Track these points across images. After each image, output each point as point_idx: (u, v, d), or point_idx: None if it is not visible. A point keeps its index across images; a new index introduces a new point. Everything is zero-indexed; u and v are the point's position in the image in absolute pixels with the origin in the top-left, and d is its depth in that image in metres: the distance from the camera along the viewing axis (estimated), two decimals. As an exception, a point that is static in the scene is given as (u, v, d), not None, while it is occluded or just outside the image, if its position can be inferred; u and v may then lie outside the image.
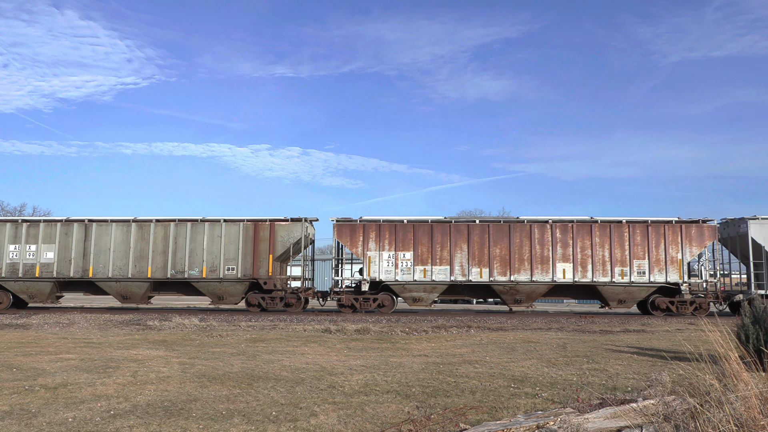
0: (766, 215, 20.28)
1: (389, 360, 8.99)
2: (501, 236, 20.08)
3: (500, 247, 20.04)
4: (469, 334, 13.16)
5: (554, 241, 20.01)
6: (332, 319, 17.28)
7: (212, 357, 9.20)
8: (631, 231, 20.01)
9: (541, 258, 19.97)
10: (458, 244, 20.08)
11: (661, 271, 19.84)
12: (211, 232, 20.45)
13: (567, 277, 19.89)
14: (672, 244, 19.92)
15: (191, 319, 16.12)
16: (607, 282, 19.86)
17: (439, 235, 20.11)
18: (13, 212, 51.36)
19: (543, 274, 19.93)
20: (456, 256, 20.03)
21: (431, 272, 19.99)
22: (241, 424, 5.03)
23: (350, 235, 20.25)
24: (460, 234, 20.12)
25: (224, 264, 20.28)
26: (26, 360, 8.74)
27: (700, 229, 20.08)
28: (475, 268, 19.98)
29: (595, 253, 19.93)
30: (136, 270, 20.43)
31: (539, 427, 4.46)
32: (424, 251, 20.05)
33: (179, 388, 6.57)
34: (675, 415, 4.42)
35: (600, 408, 4.98)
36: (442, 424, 4.95)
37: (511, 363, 8.74)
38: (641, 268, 19.85)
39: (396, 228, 20.16)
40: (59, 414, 5.34)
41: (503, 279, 19.93)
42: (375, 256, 20.09)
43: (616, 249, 19.94)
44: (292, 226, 20.58)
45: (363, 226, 20.22)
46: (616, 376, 7.51)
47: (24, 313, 18.86)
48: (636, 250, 19.94)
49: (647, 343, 11.48)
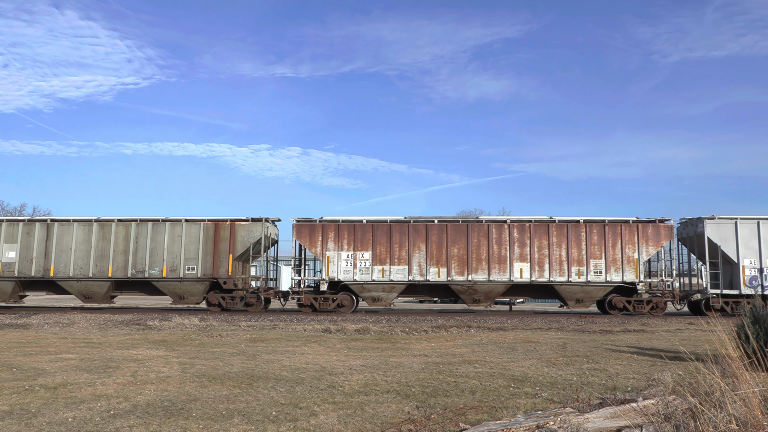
0: (724, 215, 20.34)
1: (389, 360, 8.99)
2: (459, 236, 20.18)
3: (458, 247, 20.15)
4: (469, 334, 13.16)
5: (512, 240, 20.11)
6: (332, 319, 17.28)
7: (212, 357, 9.19)
8: (588, 231, 20.09)
9: (499, 258, 20.07)
10: (416, 244, 20.18)
11: (618, 271, 19.93)
12: (172, 231, 20.57)
13: (524, 276, 19.99)
14: (629, 244, 20.02)
15: (191, 319, 16.13)
16: (564, 281, 19.96)
17: (397, 235, 20.21)
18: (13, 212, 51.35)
19: (500, 274, 20.01)
20: (414, 256, 20.14)
21: (389, 272, 20.10)
22: (241, 424, 5.03)
23: (309, 235, 20.36)
24: (418, 234, 20.23)
25: (184, 263, 20.40)
26: (26, 360, 8.74)
27: (656, 229, 20.16)
28: (433, 268, 20.09)
29: (552, 252, 20.04)
30: (97, 269, 20.52)
31: (539, 427, 4.45)
32: (383, 251, 20.16)
33: (179, 388, 6.57)
34: (675, 414, 4.42)
35: (600, 408, 4.97)
36: (442, 424, 4.94)
37: (511, 363, 8.73)
38: (598, 268, 19.96)
39: (355, 228, 20.26)
40: (59, 414, 5.33)
41: (461, 279, 20.05)
42: (334, 256, 20.21)
43: (573, 249, 20.04)
44: (253, 226, 20.70)
45: (322, 227, 20.34)
46: (616, 376, 7.51)
47: (24, 313, 18.85)
48: (593, 249, 20.03)
49: (647, 343, 11.48)
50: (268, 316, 18.17)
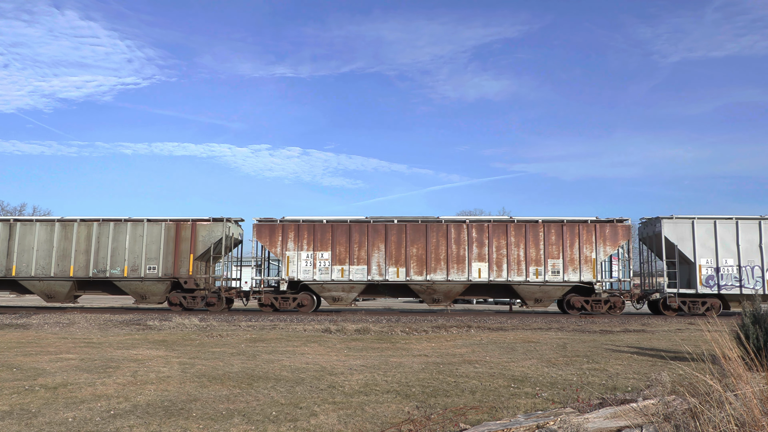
0: (682, 215, 20.38)
1: (389, 360, 8.99)
2: (418, 236, 20.27)
3: (417, 247, 20.23)
4: (469, 334, 13.17)
5: (470, 240, 20.18)
6: (332, 319, 17.29)
7: (212, 357, 9.20)
8: (546, 231, 20.17)
9: (457, 257, 20.15)
10: (375, 244, 20.27)
11: (575, 271, 20.00)
12: (134, 231, 20.69)
13: (482, 276, 20.06)
14: (586, 244, 20.08)
15: (191, 319, 16.13)
16: (522, 281, 20.04)
17: (357, 235, 20.29)
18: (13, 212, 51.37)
19: (459, 274, 20.09)
20: (373, 256, 20.23)
21: (349, 272, 20.20)
22: (241, 424, 5.03)
23: (269, 235, 20.43)
24: (377, 234, 20.30)
25: (146, 263, 20.50)
26: (26, 360, 8.74)
27: (614, 229, 20.22)
28: (392, 268, 20.18)
29: (510, 252, 20.13)
30: (58, 269, 20.61)
31: (539, 427, 4.45)
32: (342, 251, 20.26)
33: (179, 388, 6.57)
34: (675, 414, 4.42)
35: (600, 408, 4.98)
36: (442, 424, 4.94)
37: (511, 363, 8.74)
38: (555, 268, 20.03)
39: (315, 228, 20.36)
40: (59, 414, 5.33)
41: (419, 278, 20.12)
42: (293, 255, 20.30)
43: (531, 248, 20.12)
44: (213, 226, 20.81)
45: (282, 227, 20.42)
46: (616, 376, 7.51)
47: (24, 313, 18.86)
48: (551, 249, 20.10)
49: (647, 343, 11.48)
50: (268, 316, 18.18)
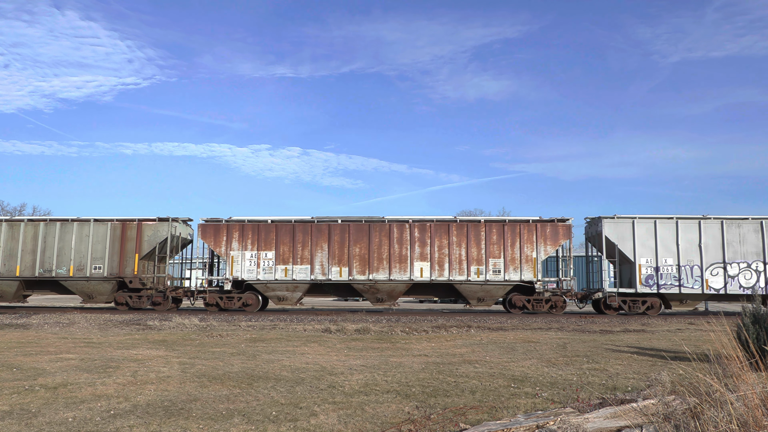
0: (624, 215, 20.42)
1: (389, 360, 8.99)
2: (361, 236, 20.41)
3: (360, 246, 20.35)
4: (469, 334, 13.16)
5: (413, 240, 20.31)
6: (332, 319, 17.29)
7: (212, 357, 9.20)
8: (487, 230, 20.28)
9: (400, 257, 20.26)
10: (319, 244, 20.41)
11: (516, 270, 20.09)
12: (80, 231, 20.81)
13: (424, 275, 20.18)
14: (527, 243, 20.18)
15: (191, 318, 16.13)
16: (464, 280, 20.16)
17: (300, 235, 20.43)
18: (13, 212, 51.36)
19: (401, 273, 20.21)
20: (317, 256, 20.36)
21: (292, 271, 20.32)
22: (241, 423, 5.03)
23: (214, 235, 20.56)
24: (321, 233, 20.45)
25: (91, 263, 20.65)
26: (26, 360, 8.74)
27: (555, 228, 20.31)
28: (335, 267, 20.32)
29: (452, 252, 20.23)
30: (5, 269, 20.77)
31: (539, 427, 4.45)
32: (286, 251, 20.39)
33: (179, 388, 6.57)
34: (675, 414, 4.42)
35: (600, 408, 4.97)
36: (442, 424, 4.94)
37: (511, 363, 8.73)
38: (497, 267, 20.14)
39: (259, 228, 20.50)
40: (59, 414, 5.33)
41: (362, 278, 20.25)
42: (238, 255, 20.41)
43: (472, 248, 20.22)
44: (159, 225, 20.97)
45: (227, 227, 20.56)
46: (616, 376, 7.51)
47: (24, 313, 18.86)
48: (492, 249, 20.22)
49: (647, 343, 11.48)
50: (268, 316, 18.17)
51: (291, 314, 19.50)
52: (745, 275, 19.80)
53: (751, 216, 20.08)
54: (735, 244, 19.92)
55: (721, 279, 19.82)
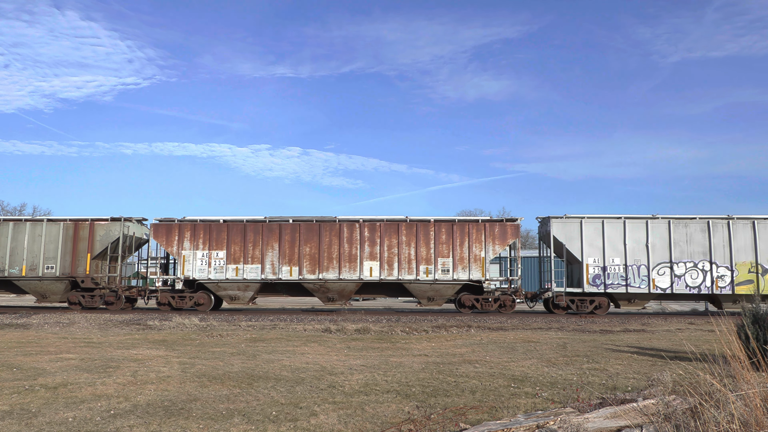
0: (573, 215, 20.50)
1: (389, 360, 8.99)
2: (311, 235, 20.49)
3: (310, 246, 20.45)
4: (469, 334, 13.16)
5: (362, 239, 20.39)
6: (332, 318, 17.29)
7: (212, 357, 9.19)
8: (436, 230, 20.32)
9: (349, 256, 20.34)
10: (270, 243, 20.50)
11: (465, 269, 20.14)
12: (33, 231, 20.89)
13: (374, 275, 20.25)
14: (476, 243, 20.23)
15: (191, 318, 16.13)
16: (413, 280, 20.22)
17: (251, 234, 20.53)
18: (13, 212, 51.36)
19: (351, 273, 20.29)
20: (267, 255, 20.45)
21: (243, 271, 20.41)
22: (241, 423, 5.02)
23: (166, 234, 20.67)
24: (272, 233, 20.54)
25: (44, 263, 20.73)
26: (26, 360, 8.74)
27: (503, 228, 20.36)
28: (285, 267, 20.41)
29: (402, 251, 20.30)
30: None
31: (539, 426, 4.45)
32: (237, 250, 20.50)
33: (179, 388, 6.57)
34: (675, 414, 4.42)
35: (600, 407, 4.97)
36: (442, 424, 4.94)
37: (511, 363, 8.73)
38: (445, 266, 20.19)
39: (210, 228, 20.61)
40: (59, 414, 5.33)
41: (312, 277, 20.35)
42: (189, 255, 20.51)
43: (422, 247, 20.29)
44: (111, 225, 21.08)
45: (179, 226, 20.67)
46: (616, 376, 7.51)
47: (24, 313, 18.86)
48: (441, 248, 20.27)
49: (647, 343, 11.47)
50: (267, 316, 18.17)
51: (291, 314, 19.50)
52: (691, 275, 19.86)
53: (698, 216, 20.13)
54: (682, 243, 19.97)
55: (667, 278, 19.87)
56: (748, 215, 19.98)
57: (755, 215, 19.97)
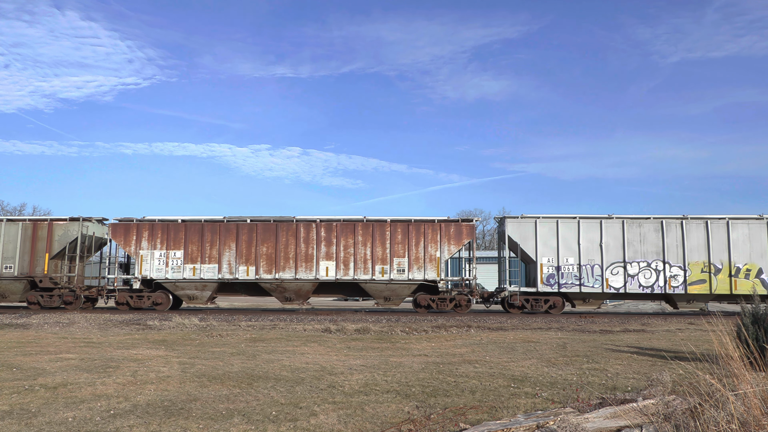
0: (529, 215, 20.60)
1: (389, 360, 8.99)
2: (268, 235, 20.63)
3: (267, 246, 20.59)
4: (469, 334, 13.16)
5: (319, 239, 20.54)
6: (332, 318, 17.29)
7: (212, 357, 9.20)
8: (392, 230, 20.44)
9: (306, 256, 20.50)
10: (227, 243, 20.65)
11: (420, 269, 20.26)
12: None
13: (330, 275, 20.40)
14: (431, 243, 20.33)
15: (191, 318, 16.13)
16: (368, 279, 20.34)
17: (209, 234, 20.68)
18: (13, 212, 51.34)
19: (307, 272, 20.44)
20: (225, 255, 20.62)
21: (200, 270, 20.58)
22: (241, 423, 5.03)
23: (124, 234, 20.83)
24: (229, 233, 20.69)
25: (2, 262, 20.93)
26: (26, 360, 8.74)
27: (458, 228, 20.46)
28: (242, 266, 20.55)
29: (358, 251, 20.44)
30: None
31: (539, 426, 4.45)
32: (194, 250, 20.66)
33: (179, 388, 6.57)
34: (675, 414, 4.42)
35: (600, 408, 4.98)
36: (442, 424, 4.94)
37: (511, 363, 8.73)
38: (401, 266, 20.30)
39: (168, 227, 20.77)
40: (59, 414, 5.33)
41: (269, 277, 20.48)
42: (147, 254, 20.67)
43: (377, 247, 20.39)
44: (69, 225, 21.23)
45: (137, 226, 20.84)
46: (616, 376, 7.51)
47: (24, 313, 18.86)
48: (397, 248, 20.38)
49: (647, 343, 11.48)
50: (267, 316, 18.18)
51: (291, 314, 19.50)
52: (645, 274, 19.94)
53: (652, 216, 20.22)
54: (636, 243, 20.05)
55: (621, 278, 19.97)
56: (701, 215, 20.10)
57: (708, 215, 20.10)
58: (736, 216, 19.99)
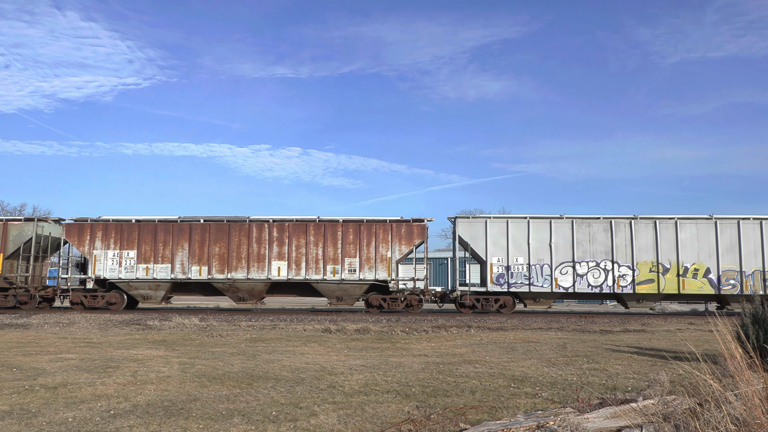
0: (480, 215, 20.89)
1: (389, 360, 8.99)
2: (221, 235, 20.75)
3: (220, 246, 20.71)
4: (469, 334, 13.16)
5: (271, 239, 20.64)
6: (332, 318, 17.29)
7: (212, 357, 9.19)
8: (344, 230, 20.56)
9: (258, 256, 20.61)
10: (180, 243, 20.77)
11: (372, 269, 20.37)
12: None
13: (282, 275, 20.52)
14: (382, 243, 20.44)
15: (191, 318, 16.14)
16: (320, 279, 20.46)
17: (162, 234, 20.81)
18: (13, 212, 51.34)
19: (259, 272, 20.55)
20: (177, 255, 20.73)
21: (153, 270, 20.68)
22: (241, 423, 5.03)
23: (78, 234, 20.93)
24: (182, 233, 20.81)
25: None
26: (26, 360, 8.74)
27: (410, 228, 20.55)
28: (195, 266, 20.68)
29: (309, 251, 20.54)
30: None
31: (539, 426, 4.45)
32: (148, 250, 20.78)
33: (179, 388, 6.57)
34: (675, 414, 4.42)
35: (600, 408, 4.98)
36: (442, 424, 4.94)
37: (511, 363, 8.73)
38: (352, 266, 20.42)
39: (122, 227, 20.91)
40: (59, 414, 5.33)
41: (221, 277, 20.62)
42: (101, 254, 20.81)
43: (329, 247, 20.50)
44: (24, 225, 21.46)
45: (90, 226, 20.97)
46: (616, 376, 7.51)
47: (24, 313, 18.87)
48: (348, 248, 20.49)
49: (647, 343, 11.48)
50: (268, 316, 18.18)
51: (291, 314, 19.51)
52: (593, 274, 20.02)
53: (602, 216, 20.28)
54: (585, 243, 20.12)
55: (570, 278, 20.05)
56: (650, 215, 20.21)
57: (657, 215, 20.21)
58: (684, 216, 20.11)
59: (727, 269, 19.75)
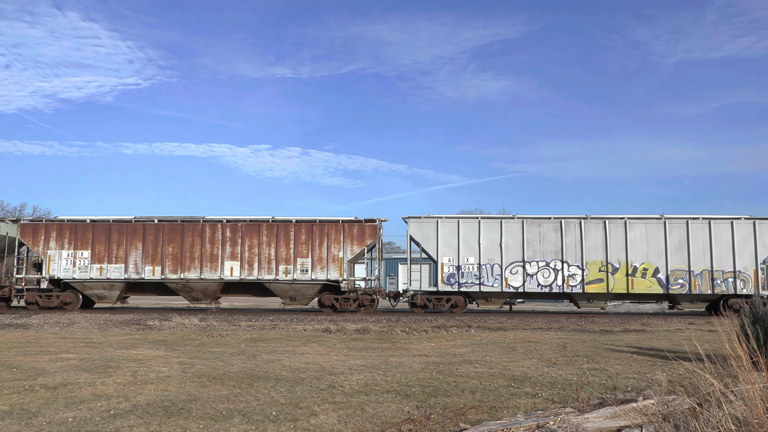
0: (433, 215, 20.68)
1: (389, 360, 8.99)
2: (175, 235, 20.86)
3: (173, 246, 20.81)
4: (469, 334, 13.16)
5: (224, 240, 20.77)
6: (332, 319, 17.29)
7: (212, 357, 9.19)
8: (296, 230, 20.66)
9: (211, 256, 20.73)
10: (134, 243, 20.90)
11: (324, 269, 20.46)
12: None
13: (235, 275, 20.64)
14: (335, 243, 20.55)
15: (191, 318, 16.14)
16: (272, 279, 20.55)
17: (116, 234, 20.94)
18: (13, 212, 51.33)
19: (212, 272, 20.68)
20: (131, 255, 20.85)
21: (107, 270, 20.82)
22: (241, 423, 5.02)
23: (33, 234, 21.07)
24: (136, 233, 20.94)
25: None
26: (26, 360, 8.74)
27: (362, 228, 20.63)
28: (148, 266, 20.80)
29: (262, 251, 20.64)
30: None
31: (539, 426, 4.45)
32: (102, 250, 20.90)
33: (179, 388, 6.57)
34: (675, 414, 4.42)
35: (600, 408, 4.97)
36: (442, 424, 4.94)
37: (511, 363, 8.73)
38: (304, 267, 20.51)
39: (77, 228, 21.03)
40: (59, 414, 5.33)
41: (174, 277, 20.72)
42: (55, 254, 20.92)
43: (282, 248, 20.60)
44: None
45: (45, 226, 21.15)
46: (616, 376, 7.51)
47: (24, 313, 18.87)
48: (300, 248, 20.59)
49: (647, 343, 11.48)
50: (268, 316, 18.18)
51: (291, 314, 19.51)
52: (543, 273, 20.08)
53: (552, 216, 20.33)
54: (535, 243, 20.17)
55: (520, 277, 20.11)
56: (600, 215, 20.22)
57: (607, 215, 20.22)
58: (634, 216, 20.15)
59: (676, 269, 19.83)
